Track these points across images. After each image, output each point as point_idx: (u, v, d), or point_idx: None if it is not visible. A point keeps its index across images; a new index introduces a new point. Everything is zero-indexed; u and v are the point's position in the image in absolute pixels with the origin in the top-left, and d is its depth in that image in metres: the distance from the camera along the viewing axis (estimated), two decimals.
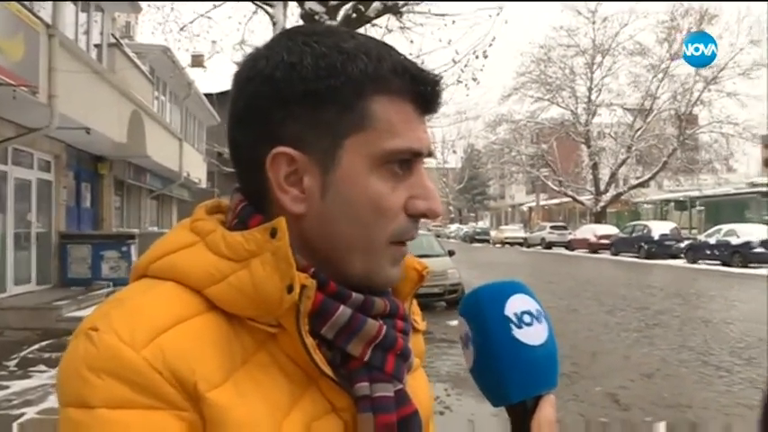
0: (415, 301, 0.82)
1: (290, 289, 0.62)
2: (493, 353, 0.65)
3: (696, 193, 35.02)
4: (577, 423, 5.63)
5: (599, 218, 37.77)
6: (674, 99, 35.97)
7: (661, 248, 26.84)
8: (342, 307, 0.67)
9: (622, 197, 38.67)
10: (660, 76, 36.17)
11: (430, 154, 0.71)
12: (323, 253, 0.69)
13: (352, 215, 0.68)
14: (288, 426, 0.64)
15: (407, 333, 0.74)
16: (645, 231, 28.43)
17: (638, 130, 36.98)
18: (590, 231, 33.91)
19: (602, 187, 38.69)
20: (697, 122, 36.73)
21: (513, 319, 0.65)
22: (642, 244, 27.76)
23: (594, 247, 32.05)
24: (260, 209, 0.70)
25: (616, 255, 29.45)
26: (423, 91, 0.69)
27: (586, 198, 40.31)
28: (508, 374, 0.64)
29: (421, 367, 0.84)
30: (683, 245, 26.49)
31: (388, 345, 0.69)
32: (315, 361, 0.64)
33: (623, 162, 37.85)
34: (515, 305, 0.66)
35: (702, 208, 33.99)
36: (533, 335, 0.65)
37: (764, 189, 29.76)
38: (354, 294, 0.68)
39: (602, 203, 38.38)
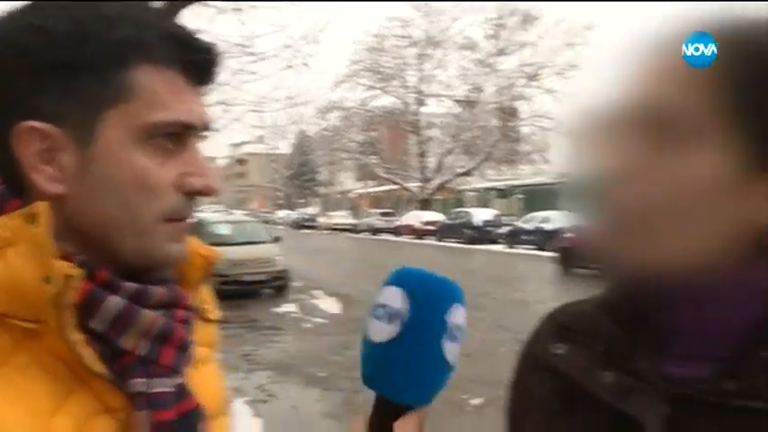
0: (207, 290, 0.80)
1: (49, 279, 0.57)
2: (417, 347, 0.60)
3: (516, 183, 36.88)
4: None
5: (425, 205, 38.59)
6: (498, 93, 37.57)
7: (482, 234, 27.70)
8: (112, 297, 0.62)
9: (448, 185, 39.86)
10: (486, 70, 37.60)
11: (206, 128, 0.68)
12: (91, 236, 0.64)
13: (115, 193, 0.63)
14: None
15: (189, 323, 0.70)
16: (468, 218, 29.21)
17: (465, 121, 38.20)
18: (416, 218, 34.38)
19: (429, 175, 39.58)
20: (518, 116, 38.69)
21: (450, 328, 0.62)
22: (465, 230, 28.49)
23: (420, 233, 32.51)
24: (18, 191, 0.63)
25: (441, 240, 30.03)
26: (194, 60, 0.66)
27: (414, 185, 41.07)
28: (420, 377, 0.61)
29: (213, 359, 0.80)
30: (502, 231, 27.48)
31: (166, 336, 0.65)
32: (82, 358, 0.59)
33: (450, 151, 38.96)
34: (457, 316, 0.62)
35: (522, 196, 35.85)
36: (454, 353, 0.62)
37: None
38: (127, 284, 0.64)
39: (428, 191, 39.28)
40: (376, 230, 38.23)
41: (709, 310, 0.62)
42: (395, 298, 0.60)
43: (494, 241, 27.10)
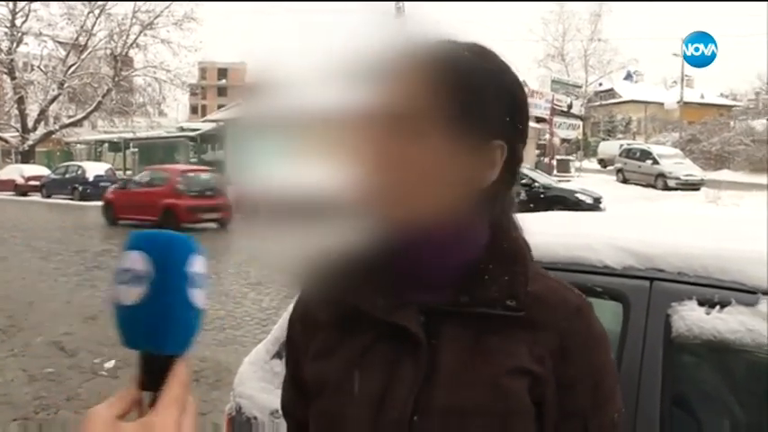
0: None
1: None
2: (167, 300, 0.63)
3: (130, 135, 35.66)
4: (20, 378, 5.17)
5: (27, 157, 34.79)
6: (110, 38, 35.45)
7: (96, 190, 26.36)
8: None
9: (54, 136, 36.53)
10: (97, 12, 35.05)
11: None
12: None
13: None
14: None
15: None
16: (79, 172, 27.47)
17: (72, 66, 35.26)
18: (17, 172, 30.95)
19: (31, 124, 35.67)
20: (132, 65, 37.21)
21: (192, 277, 0.64)
22: (76, 185, 26.82)
23: (23, 189, 29.48)
24: None
25: (48, 197, 27.71)
26: None
27: (11, 135, 36.55)
28: (176, 327, 0.64)
29: None
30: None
31: None
32: None
33: (55, 99, 35.57)
34: (195, 265, 0.65)
35: (136, 150, 34.92)
36: (201, 298, 0.65)
37: (191, 133, 32.49)
38: None
39: (30, 142, 35.36)
40: None
41: (443, 253, 0.84)
42: (137, 261, 0.62)
43: None
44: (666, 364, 1.38)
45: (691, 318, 1.35)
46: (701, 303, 1.36)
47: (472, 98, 0.80)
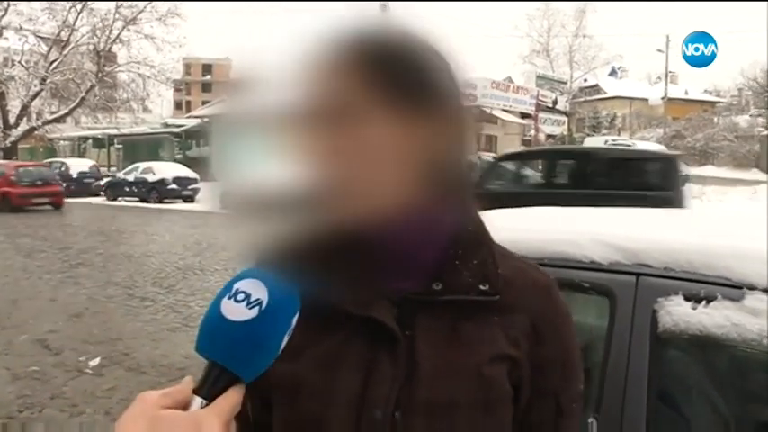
0: None
1: None
2: (267, 334, 0.67)
3: (114, 131, 35.41)
4: (3, 377, 5.11)
5: (9, 154, 34.32)
6: (93, 34, 35.10)
7: (80, 186, 26.38)
8: None
9: (36, 132, 36.12)
10: (79, 7, 34.69)
11: None
12: None
13: None
14: None
15: None
16: (63, 169, 27.38)
17: (54, 61, 34.87)
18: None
19: (12, 120, 35.26)
20: (116, 61, 36.85)
21: (291, 326, 0.69)
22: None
23: None
24: None
25: None
26: None
27: None
28: (258, 356, 0.66)
29: None
30: (102, 182, 26.61)
31: None
32: None
33: (37, 94, 35.13)
34: (295, 319, 0.69)
35: (121, 146, 34.73)
36: (283, 345, 0.69)
37: (175, 130, 32.30)
38: None
39: (12, 138, 34.93)
40: None
41: (408, 238, 0.80)
42: (259, 290, 0.67)
43: (94, 194, 26.16)
44: (653, 359, 1.38)
45: (677, 313, 1.36)
46: (687, 298, 1.37)
47: (402, 73, 0.77)
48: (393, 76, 0.76)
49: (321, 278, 0.81)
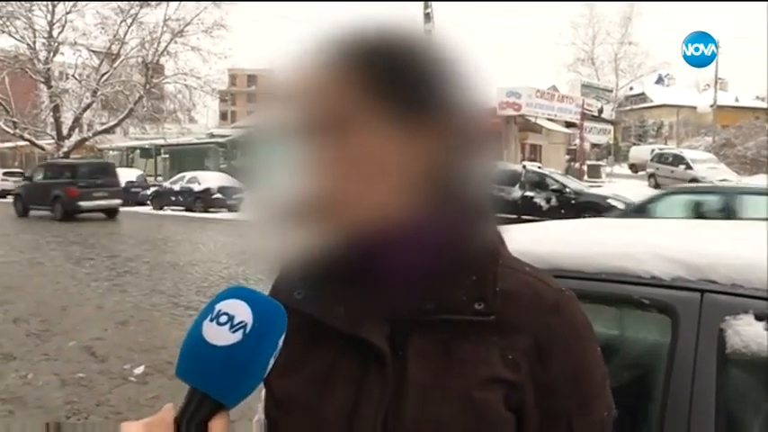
0: None
1: None
2: (251, 359, 0.63)
3: (161, 142, 36.20)
4: (52, 383, 5.20)
5: None
6: (141, 47, 36.05)
7: (128, 195, 26.93)
8: None
9: (87, 143, 37.21)
10: (129, 21, 35.70)
11: None
12: None
13: None
14: None
15: None
16: None
17: (105, 74, 35.91)
18: None
19: (66, 132, 36.37)
20: (163, 72, 37.72)
21: (278, 349, 0.66)
22: None
23: None
24: None
25: None
26: None
27: (47, 142, 37.29)
28: (243, 382, 0.63)
29: None
30: (149, 192, 27.18)
31: None
32: None
33: (88, 106, 36.25)
34: (281, 341, 0.66)
35: (167, 156, 35.48)
36: (269, 368, 0.66)
37: (221, 140, 32.84)
38: None
39: (65, 149, 36.04)
40: (3, 193, 33.95)
41: (402, 253, 0.76)
42: (243, 312, 0.63)
43: (141, 203, 26.73)
44: (720, 382, 1.29)
45: (747, 333, 1.26)
46: (758, 318, 1.27)
47: (399, 83, 0.73)
48: (390, 86, 0.73)
49: (314, 292, 0.80)
